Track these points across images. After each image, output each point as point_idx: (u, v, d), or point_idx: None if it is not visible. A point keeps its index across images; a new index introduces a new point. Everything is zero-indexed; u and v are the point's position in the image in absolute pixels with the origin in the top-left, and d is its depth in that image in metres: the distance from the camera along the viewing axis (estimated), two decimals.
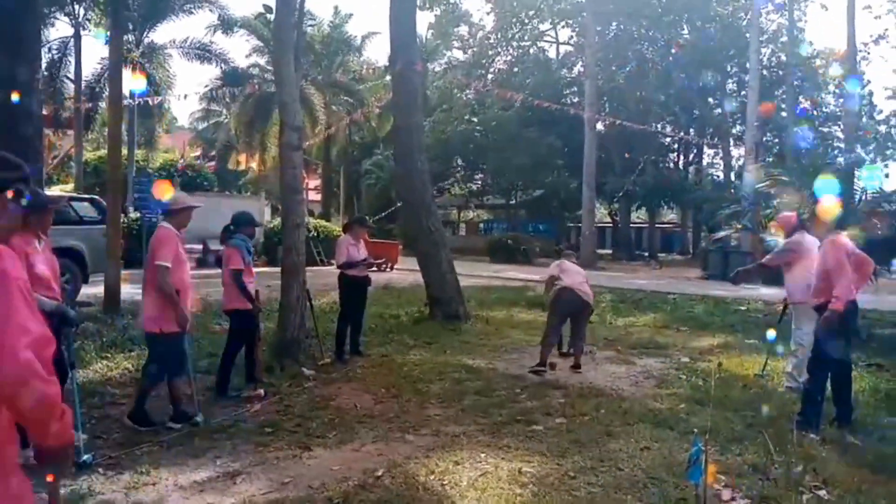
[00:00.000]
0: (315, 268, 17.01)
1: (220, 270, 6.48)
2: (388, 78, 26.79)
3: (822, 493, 4.14)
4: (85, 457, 4.37)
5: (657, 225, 43.20)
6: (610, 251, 38.75)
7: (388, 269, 21.62)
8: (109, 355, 7.54)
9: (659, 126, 34.55)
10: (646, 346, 9.22)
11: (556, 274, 7.63)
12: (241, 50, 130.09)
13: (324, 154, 36.76)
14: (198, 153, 43.38)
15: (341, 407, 5.92)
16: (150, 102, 24.96)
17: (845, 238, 5.58)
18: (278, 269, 8.25)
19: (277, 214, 26.94)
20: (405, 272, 19.32)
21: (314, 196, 40.29)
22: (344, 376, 7.10)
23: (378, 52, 51.46)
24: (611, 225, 42.90)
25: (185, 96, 52.94)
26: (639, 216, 46.44)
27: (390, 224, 33.11)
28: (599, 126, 30.00)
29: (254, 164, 33.45)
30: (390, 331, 9.94)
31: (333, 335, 8.10)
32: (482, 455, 4.72)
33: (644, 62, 34.56)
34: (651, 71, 34.43)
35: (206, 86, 33.82)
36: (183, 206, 5.40)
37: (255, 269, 6.50)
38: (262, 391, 6.23)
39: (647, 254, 36.81)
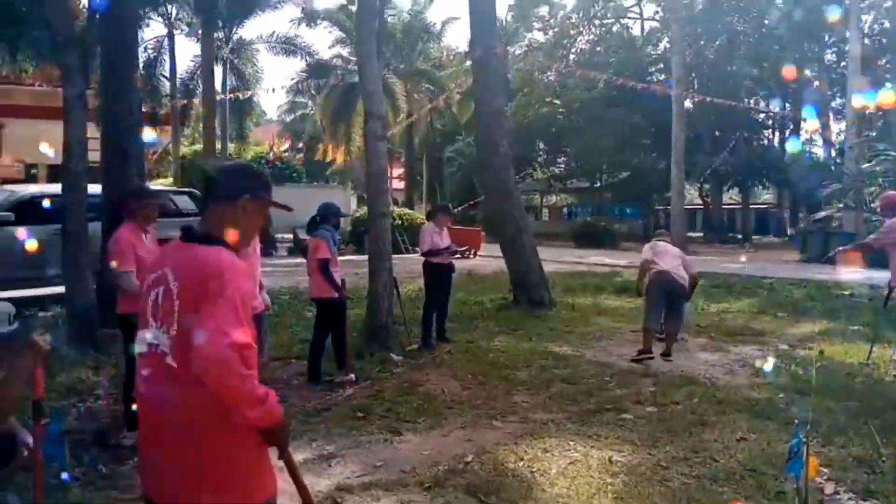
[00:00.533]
0: (400, 256, 17.26)
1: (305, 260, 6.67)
2: (468, 63, 26.71)
3: None
4: None
5: (751, 206, 41.42)
6: (701, 234, 37.51)
7: (471, 256, 21.70)
8: None
9: (751, 102, 33.03)
10: (741, 333, 8.90)
11: (649, 258, 7.42)
12: (324, 42, 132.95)
13: (406, 142, 37.13)
14: (286, 145, 44.69)
15: (430, 392, 6.01)
16: (241, 97, 25.86)
17: None
18: (365, 257, 8.41)
19: (363, 203, 27.44)
20: (488, 259, 19.35)
21: (397, 185, 40.79)
22: (431, 362, 7.20)
23: (458, 38, 51.66)
24: (701, 207, 41.36)
25: (273, 90, 54.63)
26: (731, 197, 44.64)
27: (472, 211, 33.16)
28: (688, 103, 28.96)
29: (339, 155, 34.13)
30: (475, 317, 9.98)
31: (420, 321, 8.21)
32: (571, 443, 4.70)
33: (735, 35, 33.05)
34: (742, 44, 32.90)
35: (292, 79, 34.74)
36: None
37: (343, 258, 6.67)
38: (352, 376, 6.39)
39: (740, 236, 35.40)
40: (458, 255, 8.87)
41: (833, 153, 32.52)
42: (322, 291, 6.42)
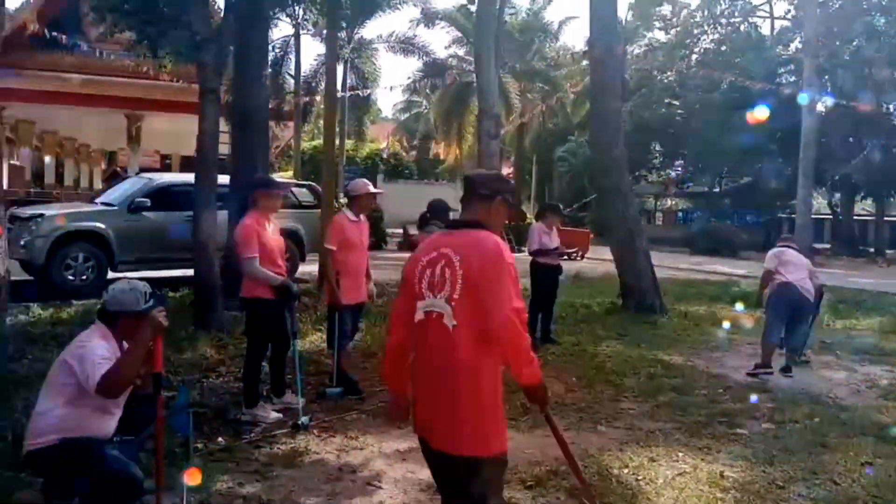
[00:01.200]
0: None
1: None
2: (584, 63, 26.33)
3: None
4: (303, 419, 4.82)
5: (886, 218, 38.45)
6: (828, 246, 35.20)
7: (578, 258, 21.37)
8: (322, 328, 8.18)
9: (891, 107, 30.61)
10: (869, 352, 8.31)
11: (773, 268, 7.03)
12: (440, 42, 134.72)
13: (517, 141, 37.02)
14: (401, 143, 45.68)
15: None
16: (360, 95, 26.59)
17: None
18: None
19: None
20: (596, 262, 19.00)
21: None
22: None
23: (575, 37, 50.82)
24: (830, 217, 38.78)
25: (391, 88, 55.97)
26: (864, 207, 41.63)
27: (582, 212, 32.63)
28: (819, 107, 27.24)
29: (451, 153, 34.50)
30: (581, 320, 9.83)
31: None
32: (680, 454, 4.56)
33: (874, 35, 30.72)
34: (883, 45, 30.56)
35: (409, 78, 35.47)
36: (360, 193, 5.67)
37: None
38: None
39: (872, 250, 32.99)
40: (565, 257, 8.75)
41: None
42: None
